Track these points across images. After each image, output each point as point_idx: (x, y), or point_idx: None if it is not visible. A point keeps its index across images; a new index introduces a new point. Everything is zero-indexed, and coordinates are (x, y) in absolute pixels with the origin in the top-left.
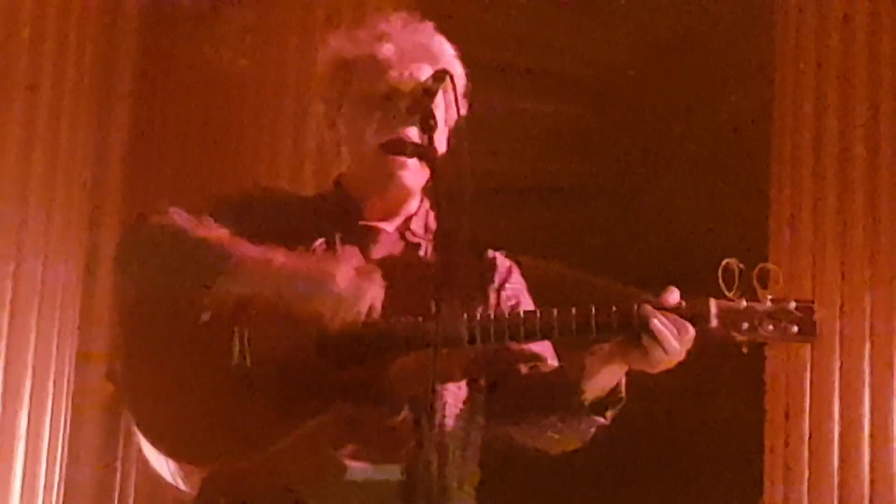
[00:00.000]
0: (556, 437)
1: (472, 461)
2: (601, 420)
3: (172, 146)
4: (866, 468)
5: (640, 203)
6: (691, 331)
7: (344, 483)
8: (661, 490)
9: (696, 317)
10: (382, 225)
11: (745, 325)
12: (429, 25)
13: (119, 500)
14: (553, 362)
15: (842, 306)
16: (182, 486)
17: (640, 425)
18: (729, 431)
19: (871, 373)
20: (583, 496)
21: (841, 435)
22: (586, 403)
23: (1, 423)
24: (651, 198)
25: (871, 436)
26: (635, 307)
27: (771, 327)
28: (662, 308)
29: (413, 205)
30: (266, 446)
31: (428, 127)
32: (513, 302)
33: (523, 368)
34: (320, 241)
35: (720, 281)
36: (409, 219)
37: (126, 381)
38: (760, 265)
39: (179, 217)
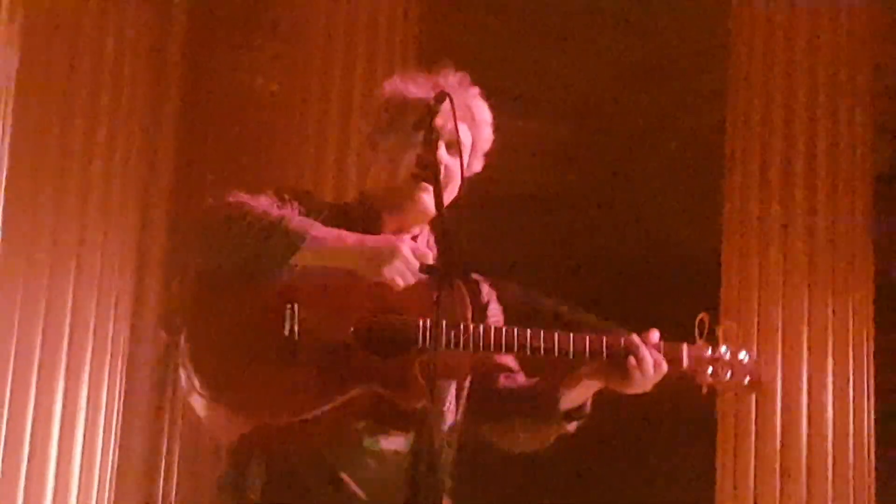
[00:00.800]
0: (523, 437)
1: (453, 457)
2: (568, 428)
3: (213, 159)
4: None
5: (612, 207)
6: (664, 367)
7: (362, 451)
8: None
9: (672, 358)
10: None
11: (710, 370)
12: (476, 90)
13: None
14: (520, 376)
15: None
16: (220, 436)
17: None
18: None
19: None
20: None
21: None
22: (561, 411)
23: (64, 397)
24: (621, 203)
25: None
26: (623, 338)
27: (729, 375)
28: (645, 343)
29: (420, 227)
30: (303, 412)
31: (429, 140)
32: (495, 322)
33: (502, 380)
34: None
35: (695, 331)
36: (415, 238)
37: (191, 339)
38: (725, 323)
39: (251, 200)
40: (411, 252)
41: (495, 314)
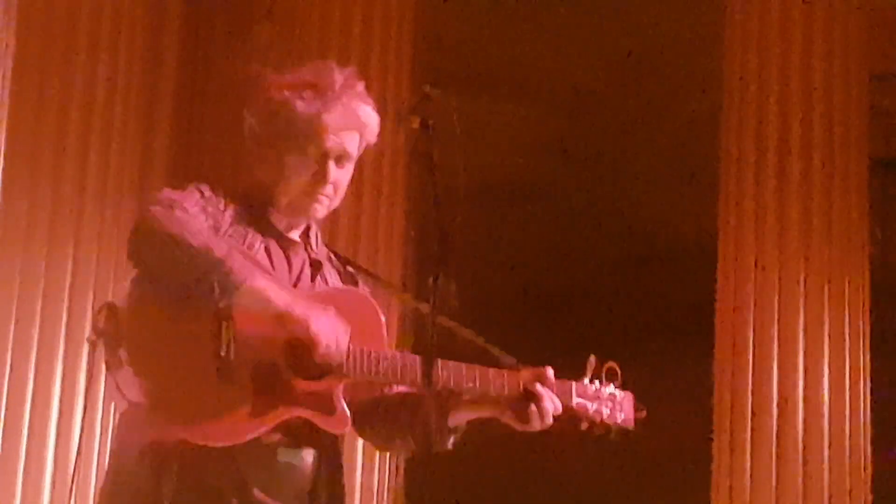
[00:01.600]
0: (400, 444)
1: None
2: (447, 445)
3: (209, 144)
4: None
5: (607, 196)
6: (560, 408)
7: (275, 463)
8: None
9: (561, 393)
10: (293, 235)
11: (593, 407)
12: (361, 86)
13: None
14: (398, 385)
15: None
16: (124, 400)
17: None
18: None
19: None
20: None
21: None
22: (448, 430)
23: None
24: (616, 192)
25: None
26: (527, 385)
27: (607, 411)
28: (544, 382)
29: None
30: (236, 438)
31: (427, 126)
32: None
33: (384, 387)
34: (258, 240)
35: (586, 370)
36: (306, 231)
37: (130, 323)
38: (608, 365)
39: (182, 216)
40: (334, 332)
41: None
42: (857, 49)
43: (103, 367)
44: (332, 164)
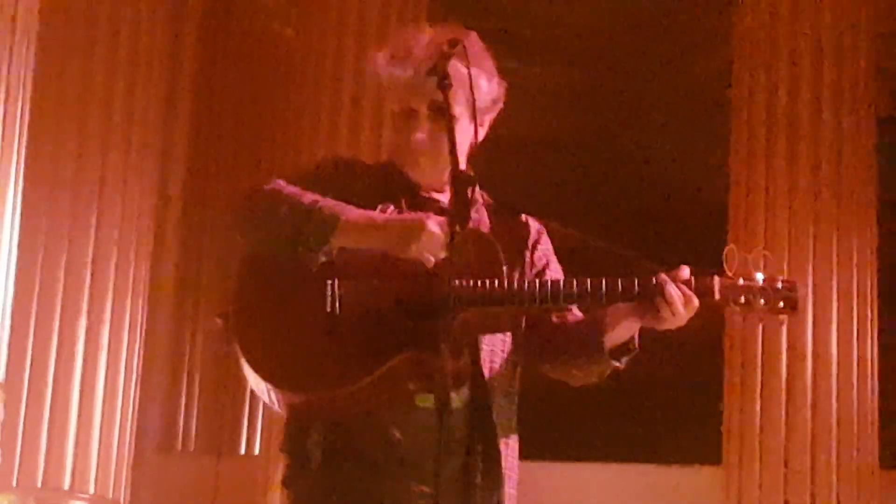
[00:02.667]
0: (578, 374)
1: (515, 401)
2: (617, 364)
3: (232, 105)
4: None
5: (622, 150)
6: (696, 302)
7: (415, 409)
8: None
9: (703, 291)
10: (438, 196)
11: (742, 300)
12: (477, 43)
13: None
14: (578, 313)
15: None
16: (276, 408)
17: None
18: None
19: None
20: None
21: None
22: (606, 350)
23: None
24: (631, 145)
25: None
26: (654, 279)
27: (762, 301)
28: (675, 281)
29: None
30: (349, 384)
31: (445, 85)
32: (544, 262)
33: (554, 318)
34: (391, 206)
35: (724, 263)
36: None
37: (238, 321)
38: (754, 250)
39: (287, 186)
40: (438, 227)
41: (545, 251)
42: (865, 7)
43: None
44: (422, 116)
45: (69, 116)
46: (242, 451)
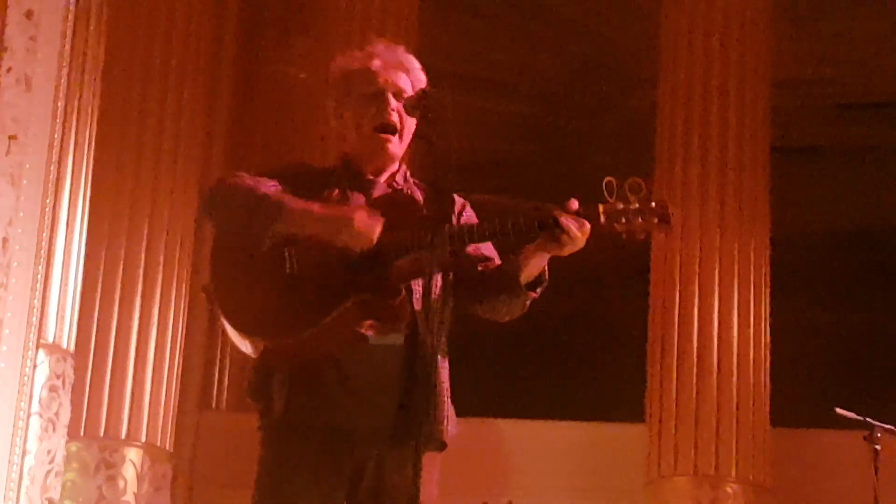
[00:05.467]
0: (504, 309)
1: (446, 332)
2: (533, 294)
3: (262, 129)
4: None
5: (569, 174)
6: (587, 225)
7: (366, 348)
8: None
9: (590, 216)
10: (375, 178)
11: (623, 220)
12: (401, 48)
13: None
14: (497, 262)
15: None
16: (251, 353)
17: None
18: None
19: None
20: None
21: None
22: (523, 285)
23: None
24: (577, 170)
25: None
26: (551, 213)
27: (640, 220)
28: (567, 211)
29: (395, 165)
30: (310, 326)
31: (427, 120)
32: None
33: (479, 266)
34: (336, 191)
35: (604, 192)
36: (393, 174)
37: (216, 288)
38: (630, 179)
39: (247, 178)
40: (364, 222)
41: (468, 218)
42: (763, 61)
43: None
44: (390, 97)
45: (128, 143)
46: None
